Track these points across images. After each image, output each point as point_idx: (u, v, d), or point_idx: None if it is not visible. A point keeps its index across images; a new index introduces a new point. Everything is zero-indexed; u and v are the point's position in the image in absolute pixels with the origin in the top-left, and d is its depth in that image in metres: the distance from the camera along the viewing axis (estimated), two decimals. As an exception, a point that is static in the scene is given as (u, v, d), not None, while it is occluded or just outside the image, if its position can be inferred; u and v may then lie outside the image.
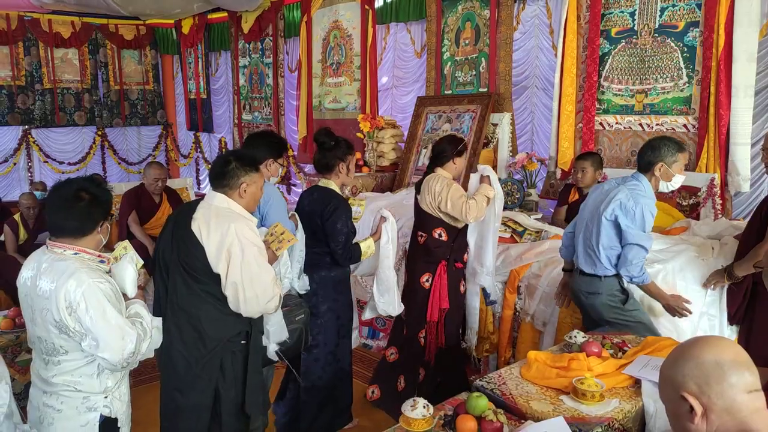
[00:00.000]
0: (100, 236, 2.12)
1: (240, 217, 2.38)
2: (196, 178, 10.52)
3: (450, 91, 6.23)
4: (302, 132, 8.08)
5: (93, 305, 1.95)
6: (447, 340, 3.54)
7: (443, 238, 3.45)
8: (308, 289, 3.21)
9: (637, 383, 2.31)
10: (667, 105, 4.66)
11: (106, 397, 2.08)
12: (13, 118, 9.51)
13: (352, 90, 7.43)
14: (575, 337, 2.66)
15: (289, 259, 2.96)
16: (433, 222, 3.45)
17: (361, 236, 3.34)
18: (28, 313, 2.10)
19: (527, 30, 5.73)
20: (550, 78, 5.46)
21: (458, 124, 5.78)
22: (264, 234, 2.71)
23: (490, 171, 3.58)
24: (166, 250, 2.43)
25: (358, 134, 6.42)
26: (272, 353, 2.78)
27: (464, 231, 3.55)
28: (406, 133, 6.33)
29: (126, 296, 2.17)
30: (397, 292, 3.36)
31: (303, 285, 3.19)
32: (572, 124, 5.13)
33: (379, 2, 6.93)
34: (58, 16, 9.52)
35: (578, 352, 2.48)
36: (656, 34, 4.67)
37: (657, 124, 4.72)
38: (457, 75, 6.16)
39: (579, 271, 3.08)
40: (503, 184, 4.56)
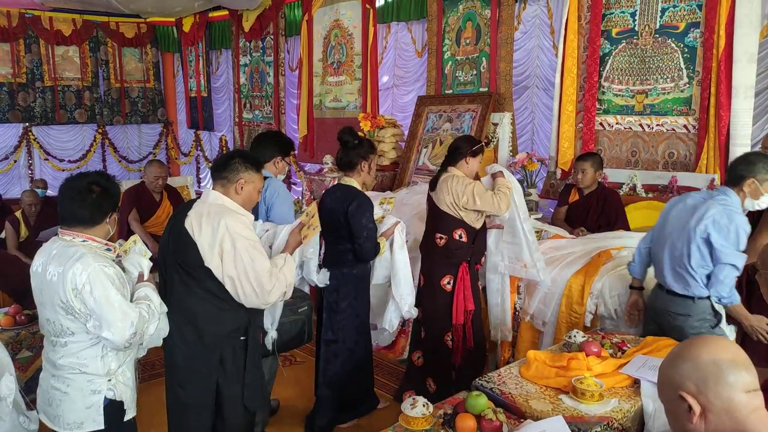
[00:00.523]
0: (108, 227, 2.24)
1: (232, 213, 2.40)
2: (197, 176, 10.51)
3: (450, 91, 6.23)
4: (302, 131, 8.07)
5: (97, 288, 2.04)
6: (475, 340, 3.50)
7: (463, 239, 3.38)
8: (327, 283, 3.25)
9: (636, 383, 2.32)
10: (668, 105, 4.67)
11: (109, 380, 2.16)
12: (14, 116, 9.50)
13: (352, 89, 7.43)
14: (575, 336, 2.68)
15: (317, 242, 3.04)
16: (454, 223, 3.37)
17: None
18: (38, 297, 2.20)
19: (528, 30, 5.74)
20: (551, 78, 5.46)
21: (459, 123, 5.78)
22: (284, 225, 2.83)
23: (499, 167, 3.55)
24: (165, 248, 2.48)
25: (359, 133, 6.41)
26: (269, 341, 2.82)
27: (483, 232, 3.49)
28: (407, 133, 6.33)
29: (141, 277, 2.29)
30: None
31: (323, 279, 3.24)
32: (572, 124, 5.13)
33: (380, 1, 6.91)
34: (59, 13, 9.52)
35: (578, 352, 2.50)
36: (657, 35, 4.67)
37: (657, 125, 4.73)
38: (457, 74, 6.17)
39: (667, 290, 2.90)
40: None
